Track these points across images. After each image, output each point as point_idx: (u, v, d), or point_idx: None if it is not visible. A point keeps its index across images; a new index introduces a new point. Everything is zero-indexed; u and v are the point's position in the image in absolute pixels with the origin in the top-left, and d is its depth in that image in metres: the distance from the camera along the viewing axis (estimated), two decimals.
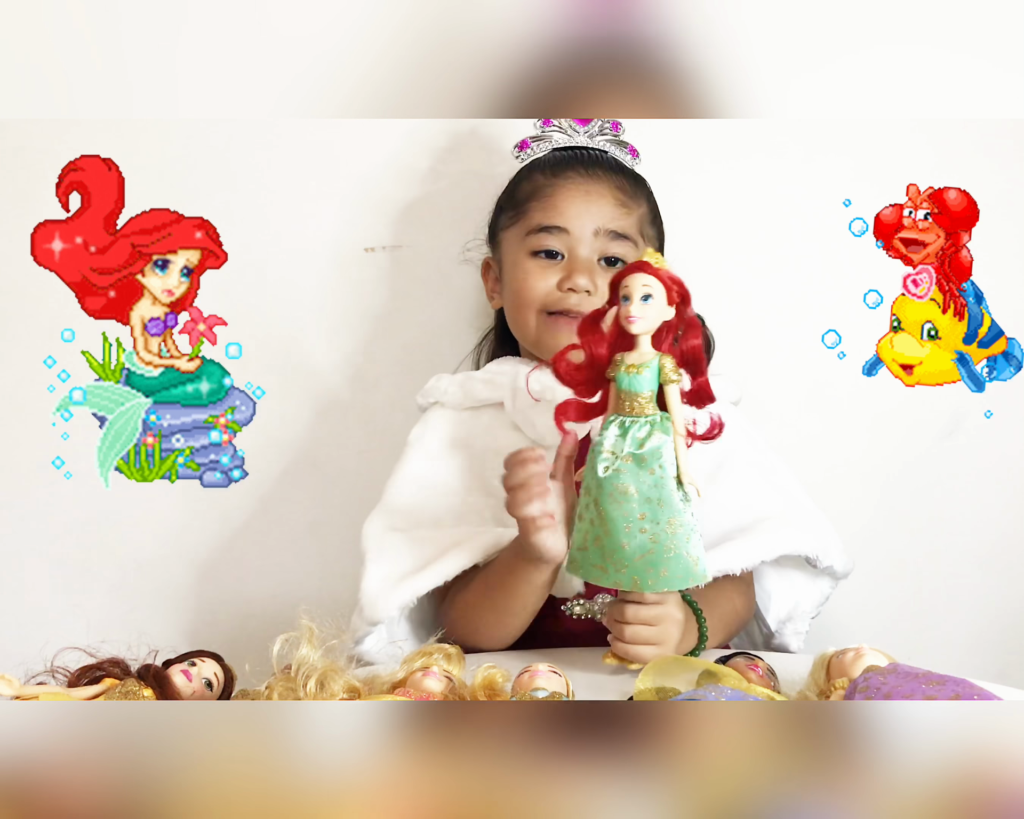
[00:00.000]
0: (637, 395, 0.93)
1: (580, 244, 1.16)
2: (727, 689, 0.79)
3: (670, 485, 0.93)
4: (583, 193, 1.17)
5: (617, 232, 1.17)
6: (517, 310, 1.20)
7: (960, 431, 1.43)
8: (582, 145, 1.21)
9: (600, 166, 1.19)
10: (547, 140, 1.21)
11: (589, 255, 1.17)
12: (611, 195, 1.18)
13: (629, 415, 0.93)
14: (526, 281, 1.18)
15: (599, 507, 0.94)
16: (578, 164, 1.19)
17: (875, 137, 1.39)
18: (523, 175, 1.22)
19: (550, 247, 1.17)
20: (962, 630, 1.45)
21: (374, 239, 1.39)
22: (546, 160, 1.21)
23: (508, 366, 1.21)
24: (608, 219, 1.17)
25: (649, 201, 1.23)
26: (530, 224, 1.18)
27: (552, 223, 1.17)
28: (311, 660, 0.85)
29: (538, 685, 0.86)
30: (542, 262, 1.17)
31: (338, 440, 1.41)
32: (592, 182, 1.18)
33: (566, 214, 1.17)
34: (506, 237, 1.22)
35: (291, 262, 1.40)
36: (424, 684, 0.87)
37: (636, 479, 0.92)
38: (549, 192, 1.18)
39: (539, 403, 1.14)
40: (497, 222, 1.25)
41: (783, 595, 1.18)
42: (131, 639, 0.90)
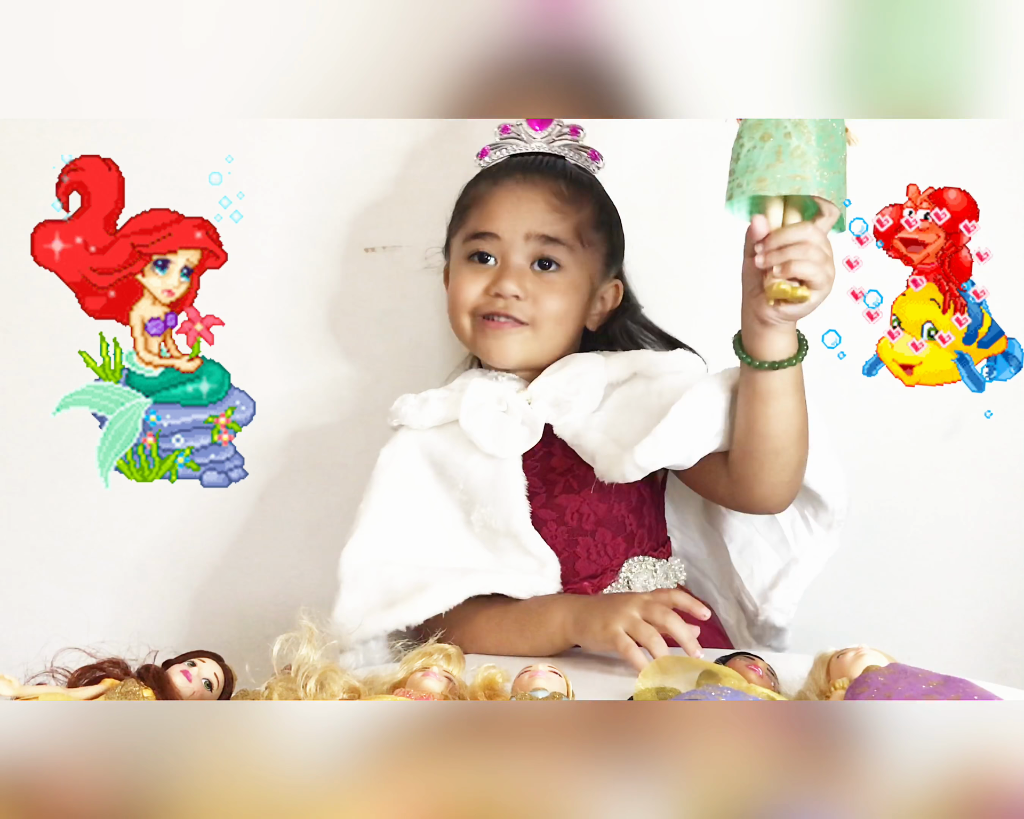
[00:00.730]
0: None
1: (511, 249, 1.17)
2: (727, 689, 0.80)
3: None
4: (515, 199, 1.18)
5: (549, 236, 1.17)
6: (453, 313, 1.22)
7: (960, 431, 1.42)
8: (539, 152, 1.22)
9: (539, 171, 1.20)
10: (505, 147, 1.23)
11: (521, 260, 1.18)
12: (544, 200, 1.18)
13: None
14: (459, 286, 1.20)
15: (799, 122, 0.92)
16: (517, 171, 1.20)
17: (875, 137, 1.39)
18: (470, 184, 1.24)
19: (482, 250, 1.19)
20: (962, 630, 1.44)
21: (374, 239, 1.40)
22: (493, 167, 1.23)
23: (463, 379, 1.22)
24: (539, 224, 1.17)
25: (597, 204, 1.22)
26: (467, 230, 1.21)
27: (484, 229, 1.19)
28: (311, 660, 0.85)
29: (538, 685, 0.86)
30: (475, 266, 1.19)
31: (338, 440, 1.41)
32: (527, 188, 1.19)
33: (497, 220, 1.18)
34: (453, 244, 1.25)
35: (291, 262, 1.40)
36: (424, 684, 0.87)
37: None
38: (486, 199, 1.20)
39: (491, 416, 1.16)
40: (449, 230, 1.27)
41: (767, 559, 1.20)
42: (131, 639, 0.90)
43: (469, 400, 1.17)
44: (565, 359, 1.21)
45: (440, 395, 1.21)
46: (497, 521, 1.15)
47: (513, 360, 1.19)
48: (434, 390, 1.23)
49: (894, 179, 1.40)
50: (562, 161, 1.23)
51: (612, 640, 1.00)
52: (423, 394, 1.22)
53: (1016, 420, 1.43)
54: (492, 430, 1.16)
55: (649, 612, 0.99)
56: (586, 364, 1.19)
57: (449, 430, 1.19)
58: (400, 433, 1.22)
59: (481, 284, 1.18)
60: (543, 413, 1.16)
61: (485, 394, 1.18)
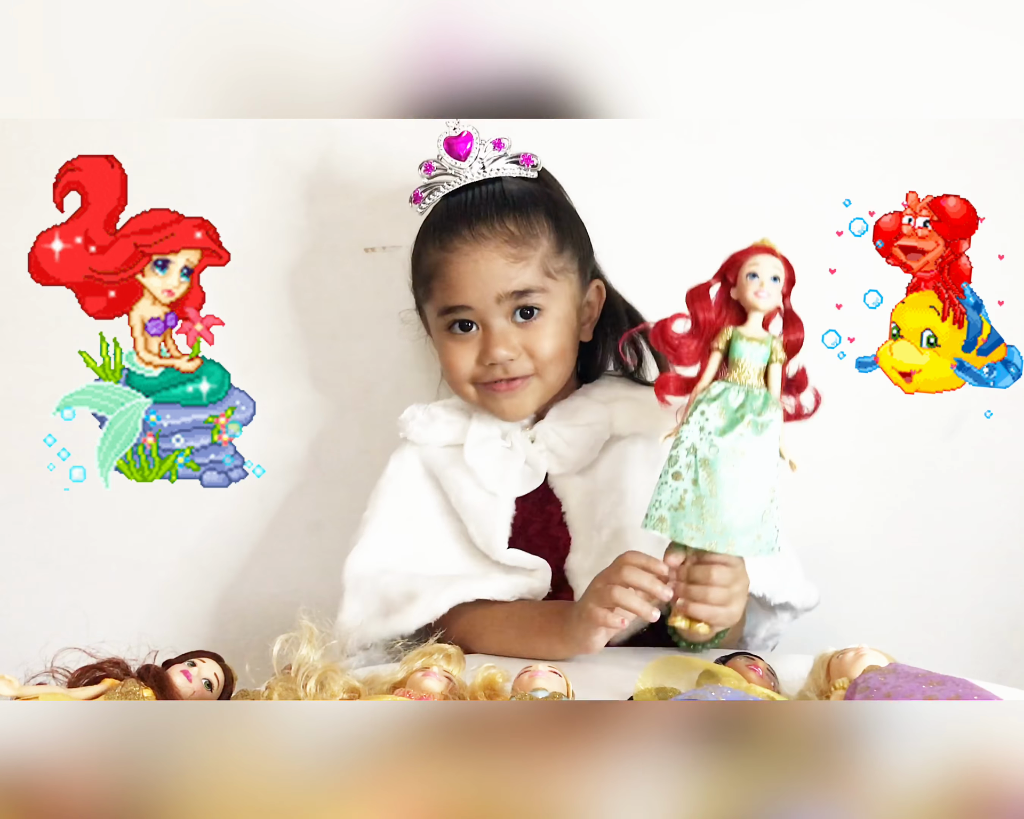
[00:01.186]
0: (751, 366, 0.98)
1: (487, 314, 1.14)
2: (727, 689, 0.80)
3: (776, 457, 0.98)
4: (472, 264, 1.13)
5: (518, 291, 1.14)
6: (454, 385, 1.21)
7: (960, 432, 1.42)
8: (472, 182, 1.16)
9: (485, 220, 1.13)
10: (438, 187, 1.17)
11: (501, 321, 1.15)
12: (499, 254, 1.13)
13: (741, 384, 0.98)
14: (451, 360, 1.18)
15: (709, 468, 0.96)
16: (464, 227, 1.14)
17: (875, 137, 1.39)
18: (420, 243, 1.20)
19: (462, 320, 1.16)
20: (962, 630, 1.44)
21: (374, 239, 1.39)
22: (435, 222, 1.17)
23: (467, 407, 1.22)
24: (504, 282, 1.13)
25: (552, 221, 1.17)
26: (437, 305, 1.17)
27: (454, 302, 1.15)
28: (311, 660, 0.85)
29: (538, 685, 0.86)
30: (459, 337, 1.17)
31: (338, 440, 1.41)
32: (479, 247, 1.13)
33: (463, 291, 1.14)
34: (426, 310, 1.22)
35: (291, 262, 1.40)
36: (424, 684, 0.87)
37: (752, 445, 0.96)
38: (444, 270, 1.15)
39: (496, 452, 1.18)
40: (415, 292, 1.24)
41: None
42: (131, 639, 0.90)
43: (474, 435, 1.19)
44: (575, 405, 1.21)
45: (447, 417, 1.22)
46: (479, 541, 1.18)
47: (528, 412, 1.20)
48: (441, 407, 1.24)
49: (894, 179, 1.40)
50: (499, 187, 1.16)
51: (589, 621, 1.01)
52: (431, 410, 1.23)
53: (1016, 420, 1.43)
54: (495, 467, 1.18)
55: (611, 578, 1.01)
56: (592, 416, 1.19)
57: (454, 449, 1.21)
58: (407, 446, 1.24)
59: (471, 354, 1.17)
60: (544, 458, 1.18)
61: (490, 427, 1.20)
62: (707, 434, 0.97)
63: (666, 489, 0.98)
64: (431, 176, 1.18)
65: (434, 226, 1.18)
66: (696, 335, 1.00)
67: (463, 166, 1.16)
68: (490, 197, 1.15)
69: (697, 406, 0.98)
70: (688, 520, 0.97)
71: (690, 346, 1.00)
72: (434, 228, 1.17)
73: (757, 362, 0.98)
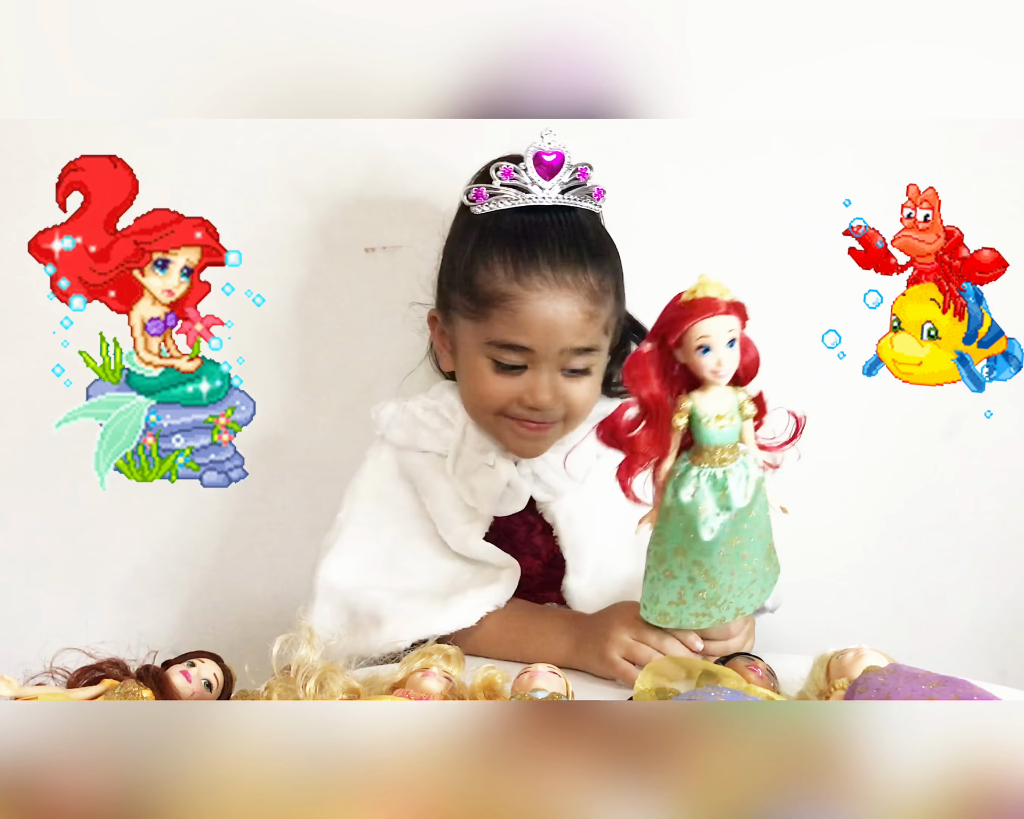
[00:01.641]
0: (726, 446, 0.86)
1: (543, 361, 1.08)
2: (727, 689, 0.80)
3: (767, 514, 0.90)
4: (552, 312, 1.07)
5: (584, 348, 1.09)
6: (474, 407, 1.15)
7: (960, 431, 1.42)
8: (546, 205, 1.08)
9: (569, 265, 1.07)
10: (503, 197, 1.08)
11: (551, 368, 1.09)
12: (580, 310, 1.07)
13: (718, 466, 0.86)
14: (486, 389, 1.11)
15: (704, 567, 0.89)
16: (545, 265, 1.06)
17: (876, 137, 1.39)
18: (481, 255, 1.09)
19: (513, 363, 1.09)
20: (962, 630, 1.45)
21: (374, 239, 1.39)
22: (507, 240, 1.08)
23: (460, 415, 1.18)
24: (575, 337, 1.08)
25: (616, 284, 1.13)
26: (491, 334, 1.09)
27: (517, 342, 1.08)
28: (310, 661, 0.85)
29: (538, 685, 0.86)
30: (504, 373, 1.10)
31: (338, 440, 1.41)
32: (560, 295, 1.07)
33: (532, 334, 1.07)
34: (462, 324, 1.13)
35: (291, 262, 1.40)
36: (423, 685, 0.87)
37: (741, 531, 0.89)
38: (514, 305, 1.07)
39: (480, 469, 1.15)
40: (450, 296, 1.14)
41: None
42: (131, 639, 0.90)
43: (458, 450, 1.17)
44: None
45: (430, 425, 1.19)
46: (453, 545, 1.17)
47: (544, 451, 1.16)
48: (422, 410, 1.20)
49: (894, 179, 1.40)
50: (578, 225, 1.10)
51: (610, 669, 1.01)
52: (412, 411, 1.20)
53: (1016, 420, 1.43)
54: (478, 486, 1.15)
55: (642, 636, 1.00)
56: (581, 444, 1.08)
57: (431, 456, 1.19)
58: (384, 446, 1.22)
59: (511, 388, 1.10)
60: (528, 483, 1.16)
61: (474, 444, 1.17)
62: (690, 536, 0.87)
63: (659, 585, 0.93)
64: (504, 183, 1.08)
65: (505, 246, 1.08)
66: (650, 422, 0.86)
67: (544, 186, 1.08)
68: (572, 238, 1.09)
69: (674, 496, 0.87)
70: (692, 610, 0.94)
71: (648, 438, 0.86)
72: (505, 249, 1.08)
73: (734, 437, 0.86)
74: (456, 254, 1.14)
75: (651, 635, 0.99)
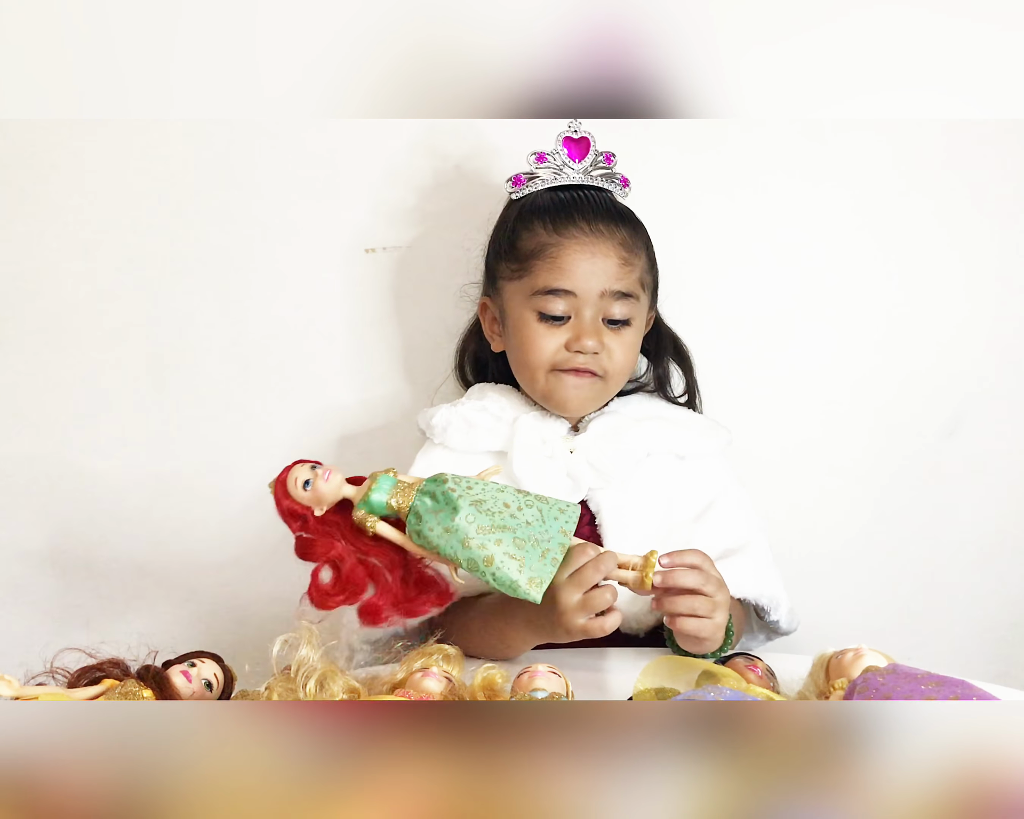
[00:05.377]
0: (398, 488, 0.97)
1: (586, 306, 1.15)
2: (726, 689, 0.80)
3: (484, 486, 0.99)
4: (589, 254, 1.15)
5: (621, 292, 1.16)
6: (525, 367, 1.19)
7: (960, 432, 1.43)
8: (578, 183, 1.18)
9: (602, 219, 1.16)
10: (540, 176, 1.18)
11: (595, 315, 1.15)
12: (616, 253, 1.16)
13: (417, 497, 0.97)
14: (535, 343, 1.17)
15: (496, 524, 0.95)
16: (581, 219, 1.16)
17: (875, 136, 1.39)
18: (522, 223, 1.18)
19: (557, 311, 1.15)
20: (962, 630, 1.45)
21: (374, 239, 1.39)
22: (545, 207, 1.17)
23: (509, 411, 1.21)
24: (613, 280, 1.15)
25: (647, 247, 1.21)
26: (535, 284, 1.16)
27: (560, 286, 1.15)
28: (311, 661, 0.85)
29: (538, 685, 0.86)
30: (549, 323, 1.16)
31: (338, 440, 1.41)
32: (597, 240, 1.15)
33: (573, 277, 1.15)
34: (508, 288, 1.20)
35: (292, 262, 1.40)
36: (424, 684, 0.87)
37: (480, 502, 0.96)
38: (554, 252, 1.15)
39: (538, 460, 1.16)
40: (496, 269, 1.22)
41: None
42: (131, 640, 0.90)
43: (520, 443, 1.17)
44: (617, 423, 1.19)
45: (487, 424, 1.20)
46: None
47: (588, 410, 1.20)
48: (476, 412, 1.21)
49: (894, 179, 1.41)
50: (607, 196, 1.19)
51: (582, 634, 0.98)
52: (464, 414, 1.21)
53: (1016, 420, 1.43)
54: (538, 476, 1.15)
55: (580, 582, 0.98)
56: (633, 433, 1.19)
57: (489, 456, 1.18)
58: (436, 450, 1.21)
59: (558, 340, 1.16)
60: (586, 471, 1.17)
61: (533, 433, 1.18)
62: (459, 530, 0.94)
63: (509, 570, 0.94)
64: (537, 166, 1.18)
65: (543, 210, 1.17)
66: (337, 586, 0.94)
67: (574, 166, 1.18)
68: (602, 202, 1.18)
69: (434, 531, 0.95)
70: (535, 557, 0.94)
71: (354, 575, 0.95)
72: (543, 212, 1.17)
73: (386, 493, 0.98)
74: (500, 233, 1.22)
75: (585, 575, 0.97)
